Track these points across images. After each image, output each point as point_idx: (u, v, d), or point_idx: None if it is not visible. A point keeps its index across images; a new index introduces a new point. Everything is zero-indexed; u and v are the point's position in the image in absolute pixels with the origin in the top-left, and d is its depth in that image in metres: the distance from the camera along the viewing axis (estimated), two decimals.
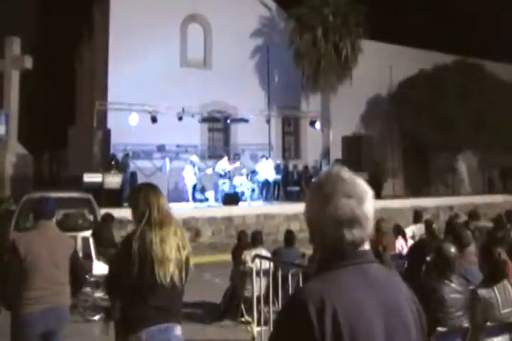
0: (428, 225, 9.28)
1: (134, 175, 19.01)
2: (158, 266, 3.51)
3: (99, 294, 8.44)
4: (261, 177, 20.15)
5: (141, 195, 3.78)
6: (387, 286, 1.70)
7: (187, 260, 3.72)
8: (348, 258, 1.67)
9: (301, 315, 1.55)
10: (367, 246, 1.72)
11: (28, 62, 19.34)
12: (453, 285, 4.59)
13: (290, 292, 6.18)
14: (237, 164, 19.97)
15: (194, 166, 19.25)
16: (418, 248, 7.21)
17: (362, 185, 1.73)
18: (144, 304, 3.53)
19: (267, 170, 20.20)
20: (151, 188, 3.87)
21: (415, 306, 1.75)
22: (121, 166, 18.09)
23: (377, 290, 1.64)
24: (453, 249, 4.80)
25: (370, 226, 1.71)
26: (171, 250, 3.58)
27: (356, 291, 1.61)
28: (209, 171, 20.14)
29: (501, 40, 35.61)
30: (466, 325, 4.49)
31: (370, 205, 1.70)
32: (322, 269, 1.69)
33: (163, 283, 3.52)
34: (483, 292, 4.56)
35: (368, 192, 1.72)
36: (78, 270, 4.79)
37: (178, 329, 3.68)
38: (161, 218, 3.66)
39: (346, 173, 1.75)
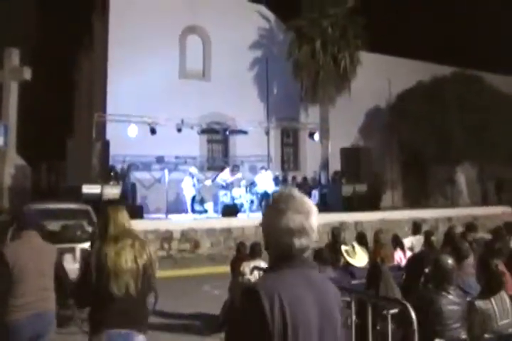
0: (427, 237, 9.27)
1: (133, 186, 18.99)
2: (112, 277, 3.85)
3: None
4: (260, 188, 20.12)
5: (103, 213, 4.25)
6: (322, 288, 2.12)
7: (145, 269, 3.99)
8: (294, 262, 2.08)
9: (257, 304, 1.93)
10: (308, 254, 2.14)
11: (27, 74, 19.39)
12: (450, 296, 4.59)
13: None
14: (239, 175, 19.97)
15: (193, 178, 19.23)
16: (416, 260, 7.19)
17: (308, 202, 2.16)
18: (104, 311, 3.85)
19: (266, 182, 20.18)
20: (112, 207, 4.35)
21: (340, 307, 2.17)
22: (123, 178, 18.15)
23: (314, 290, 2.06)
24: (450, 261, 4.81)
25: (314, 236, 2.12)
26: (127, 262, 3.90)
27: (298, 289, 2.01)
28: (208, 182, 20.14)
29: (500, 52, 35.73)
30: (463, 336, 4.49)
31: (314, 219, 2.13)
32: (273, 269, 2.11)
33: (118, 293, 3.83)
34: (480, 303, 4.56)
35: (313, 208, 2.15)
36: (62, 276, 4.94)
37: (140, 338, 3.94)
38: (117, 233, 4.01)
39: (296, 193, 2.18)
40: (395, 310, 4.42)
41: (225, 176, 19.64)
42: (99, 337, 3.83)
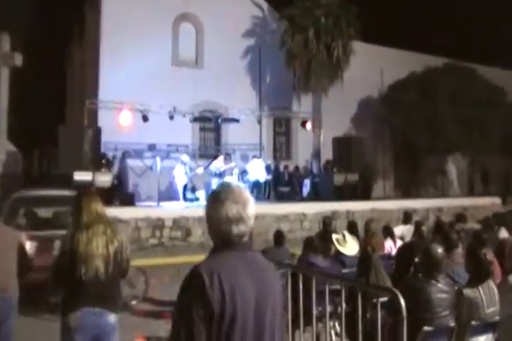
0: (417, 227, 9.33)
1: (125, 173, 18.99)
2: (83, 262, 4.03)
3: None
4: (252, 177, 20.16)
5: (75, 200, 4.35)
6: (260, 268, 2.37)
7: (116, 255, 4.18)
8: (233, 246, 2.33)
9: (199, 281, 2.18)
10: (246, 239, 2.37)
11: (18, 60, 19.20)
12: (440, 285, 4.64)
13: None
14: (232, 164, 19.96)
15: (185, 165, 19.21)
16: (406, 249, 7.25)
17: (245, 193, 2.41)
18: (76, 293, 4.07)
19: (258, 171, 20.22)
20: (84, 194, 4.45)
21: (280, 284, 2.45)
22: (117, 165, 18.18)
23: (252, 270, 2.31)
24: (440, 250, 4.86)
25: (251, 223, 2.37)
26: (98, 248, 4.09)
27: (236, 268, 2.26)
28: (200, 170, 20.13)
29: (492, 45, 35.75)
30: (452, 324, 4.55)
31: (251, 208, 2.38)
32: (214, 252, 2.35)
33: (88, 276, 4.03)
34: (468, 292, 4.63)
35: (250, 199, 2.40)
36: (25, 260, 5.04)
37: (112, 317, 4.17)
38: (90, 220, 4.17)
39: (234, 185, 2.46)
40: (384, 298, 4.47)
41: (219, 164, 19.62)
42: (74, 314, 4.03)
